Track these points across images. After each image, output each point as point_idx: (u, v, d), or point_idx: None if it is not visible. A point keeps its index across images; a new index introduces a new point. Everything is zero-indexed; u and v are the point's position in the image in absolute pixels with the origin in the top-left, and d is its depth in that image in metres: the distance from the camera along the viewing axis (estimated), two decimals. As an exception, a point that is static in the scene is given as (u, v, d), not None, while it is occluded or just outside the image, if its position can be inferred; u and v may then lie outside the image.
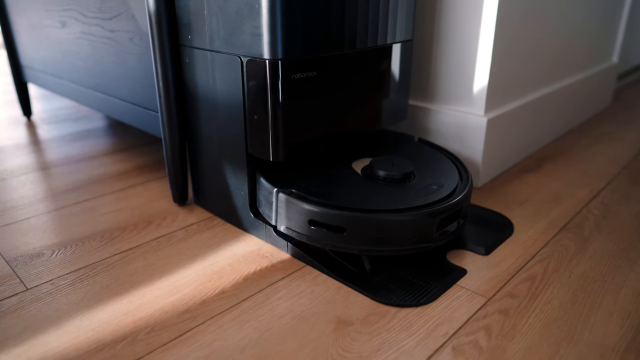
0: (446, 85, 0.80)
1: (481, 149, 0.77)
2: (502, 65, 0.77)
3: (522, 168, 0.88)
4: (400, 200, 0.56)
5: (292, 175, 0.62)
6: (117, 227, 0.67)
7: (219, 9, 0.56)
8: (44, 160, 0.92)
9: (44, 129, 1.12)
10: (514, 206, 0.73)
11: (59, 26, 0.90)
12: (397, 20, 0.66)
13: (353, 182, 0.61)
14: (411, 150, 0.72)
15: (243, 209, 0.65)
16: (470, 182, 0.62)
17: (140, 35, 0.69)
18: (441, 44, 0.78)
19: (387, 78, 0.69)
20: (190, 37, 0.62)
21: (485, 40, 0.73)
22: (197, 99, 0.64)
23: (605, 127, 1.12)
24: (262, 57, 0.53)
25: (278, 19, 0.51)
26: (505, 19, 0.74)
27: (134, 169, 0.88)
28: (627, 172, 0.86)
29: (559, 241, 0.63)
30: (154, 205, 0.74)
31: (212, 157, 0.66)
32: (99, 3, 0.76)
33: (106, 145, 1.00)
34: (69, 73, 0.93)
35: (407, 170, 0.62)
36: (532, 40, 0.85)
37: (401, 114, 0.74)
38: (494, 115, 0.77)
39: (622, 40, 1.27)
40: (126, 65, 0.75)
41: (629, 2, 1.23)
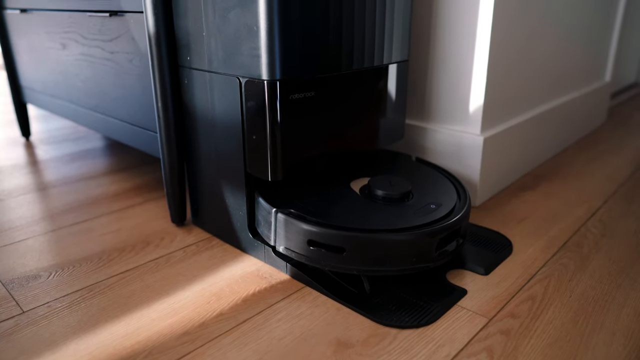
0: (442, 105, 0.80)
1: (478, 167, 0.77)
2: (498, 85, 0.78)
3: (519, 186, 0.88)
4: (399, 219, 0.56)
5: (290, 195, 0.62)
6: (115, 248, 0.67)
7: (218, 31, 0.56)
8: (42, 181, 0.92)
9: (43, 150, 1.12)
10: (513, 225, 0.73)
11: (60, 48, 0.91)
12: (393, 41, 0.67)
13: (352, 201, 0.61)
14: (409, 169, 0.73)
15: (242, 229, 0.64)
16: (469, 201, 0.63)
17: (140, 56, 0.70)
18: (436, 63, 0.79)
19: (384, 98, 0.69)
20: (189, 59, 0.62)
21: (480, 60, 0.74)
22: (196, 120, 0.65)
23: (601, 145, 1.13)
24: (260, 77, 0.53)
25: (276, 40, 0.52)
26: (500, 39, 0.75)
27: (132, 189, 0.88)
28: (624, 190, 0.86)
29: (558, 260, 0.63)
30: (152, 226, 0.73)
31: (210, 177, 0.66)
32: (99, 25, 0.76)
33: (104, 166, 1.00)
34: (68, 94, 0.94)
35: (406, 189, 0.62)
36: (526, 60, 0.86)
37: (398, 134, 0.75)
38: (490, 134, 0.78)
39: (614, 60, 1.29)
40: (125, 86, 0.75)
41: (618, 23, 1.25)
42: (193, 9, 0.59)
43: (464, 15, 0.74)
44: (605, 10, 1.16)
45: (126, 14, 0.69)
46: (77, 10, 0.81)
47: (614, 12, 1.22)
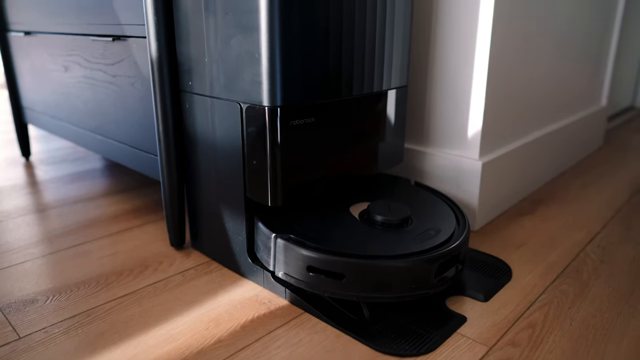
0: (441, 129, 0.81)
1: (477, 192, 0.77)
2: (496, 110, 0.79)
3: (518, 211, 0.88)
4: (399, 245, 0.56)
5: (290, 220, 0.62)
6: (113, 272, 0.66)
7: (220, 57, 0.57)
8: (41, 202, 0.92)
9: (42, 170, 1.12)
10: (512, 250, 0.73)
11: (62, 70, 0.91)
12: (392, 67, 0.68)
13: (351, 226, 0.61)
14: (408, 193, 0.73)
15: (241, 253, 0.64)
16: (468, 226, 0.63)
17: (142, 80, 0.71)
18: (435, 89, 0.80)
19: (383, 123, 0.70)
20: (191, 83, 0.63)
21: (478, 85, 0.75)
22: (197, 144, 0.65)
23: (599, 169, 1.13)
24: (261, 104, 0.54)
25: (277, 67, 0.53)
26: (498, 65, 0.76)
27: (131, 211, 0.87)
28: (622, 215, 0.87)
29: (558, 286, 0.63)
30: (150, 249, 0.73)
31: (210, 201, 0.66)
32: (102, 49, 0.77)
33: (103, 187, 1.00)
34: (69, 115, 0.94)
35: (405, 215, 0.62)
36: (524, 85, 0.87)
37: (398, 158, 0.75)
38: (488, 159, 0.78)
39: (610, 85, 1.30)
40: (127, 108, 0.76)
41: (614, 48, 1.27)
42: (195, 36, 0.59)
43: (462, 41, 0.75)
44: (600, 35, 1.18)
45: (129, 38, 0.70)
46: (81, 34, 0.82)
47: (609, 36, 1.24)
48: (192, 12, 0.59)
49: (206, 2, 0.56)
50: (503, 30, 0.75)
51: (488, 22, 0.71)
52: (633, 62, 1.77)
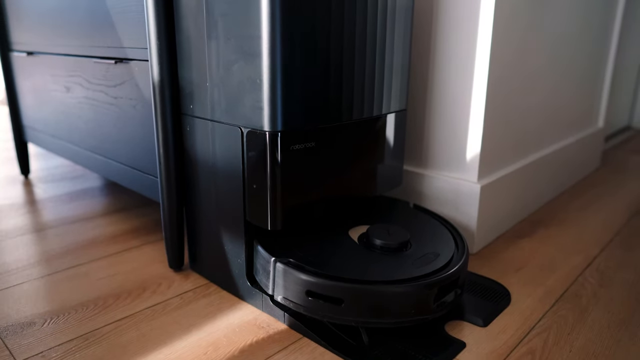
0: (440, 152, 0.82)
1: (476, 215, 0.78)
2: (494, 133, 0.80)
3: (516, 233, 0.89)
4: (398, 270, 0.57)
5: (289, 244, 0.62)
6: (111, 294, 0.66)
7: (221, 82, 0.58)
8: (40, 221, 0.92)
9: (41, 188, 1.12)
10: (510, 273, 0.73)
11: (64, 90, 0.92)
12: (391, 91, 0.69)
13: (350, 250, 0.61)
14: (407, 216, 0.73)
15: (240, 276, 0.64)
16: (467, 250, 0.63)
17: (143, 102, 0.71)
18: (434, 112, 0.81)
19: (382, 146, 0.70)
20: (192, 107, 0.63)
21: (476, 109, 0.75)
22: (197, 166, 0.65)
23: (596, 190, 1.14)
24: (262, 129, 0.55)
25: (278, 93, 0.53)
26: (496, 89, 0.77)
27: (130, 232, 0.87)
28: (620, 238, 0.87)
29: (557, 311, 0.63)
30: (149, 270, 0.73)
31: (209, 223, 0.66)
32: (104, 71, 0.78)
33: (102, 206, 1.00)
34: (69, 135, 0.95)
35: (404, 239, 0.62)
36: (522, 108, 0.88)
37: (396, 180, 0.76)
38: (487, 181, 0.79)
39: (607, 106, 1.32)
40: (127, 130, 0.77)
41: (610, 70, 1.28)
42: (197, 61, 0.60)
43: (461, 65, 0.76)
44: (597, 56, 1.20)
45: (131, 61, 0.71)
46: (84, 55, 0.83)
47: (605, 57, 1.25)
48: (194, 38, 0.60)
49: (208, 28, 0.57)
50: (501, 55, 0.76)
51: (486, 47, 0.73)
52: (629, 82, 1.79)
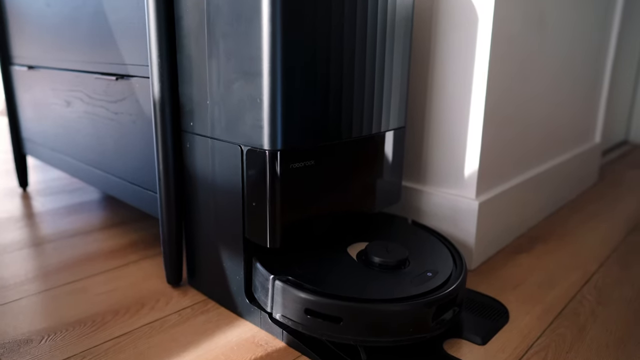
0: (438, 169, 0.82)
1: (474, 231, 0.78)
2: (492, 150, 0.80)
3: (514, 249, 0.89)
4: (396, 288, 0.57)
5: (288, 261, 0.62)
6: (110, 310, 0.66)
7: (222, 100, 0.58)
8: (38, 235, 0.92)
9: (39, 201, 1.12)
10: (509, 290, 0.73)
11: (64, 105, 0.93)
12: (390, 109, 0.69)
13: (349, 268, 0.61)
14: (405, 233, 0.73)
15: (238, 293, 0.64)
16: (465, 268, 0.63)
17: (143, 118, 0.72)
18: (432, 129, 0.81)
19: (381, 163, 0.71)
20: (192, 124, 0.64)
21: (474, 126, 0.76)
22: (196, 183, 0.66)
23: (593, 206, 1.14)
24: (262, 147, 0.55)
25: (278, 113, 0.54)
26: (494, 105, 0.78)
27: (128, 246, 0.87)
28: (617, 254, 0.87)
29: (555, 329, 0.63)
30: (147, 286, 0.73)
31: (208, 240, 0.66)
32: (104, 87, 0.79)
33: (100, 220, 1.00)
34: (69, 148, 0.95)
35: (402, 256, 0.62)
36: (519, 125, 0.88)
37: (395, 197, 0.76)
38: (485, 198, 0.79)
39: (603, 122, 1.33)
40: (127, 145, 0.77)
41: (606, 85, 1.29)
42: (198, 78, 0.61)
43: (459, 83, 0.77)
44: (594, 72, 1.21)
45: (132, 78, 0.72)
46: (85, 71, 0.83)
47: (602, 73, 1.27)
48: (195, 56, 0.60)
49: (209, 47, 0.58)
50: (499, 72, 0.77)
51: (484, 66, 0.73)
52: (625, 96, 1.81)
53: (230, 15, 0.54)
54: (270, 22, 0.51)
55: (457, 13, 0.75)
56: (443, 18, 0.77)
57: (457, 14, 0.75)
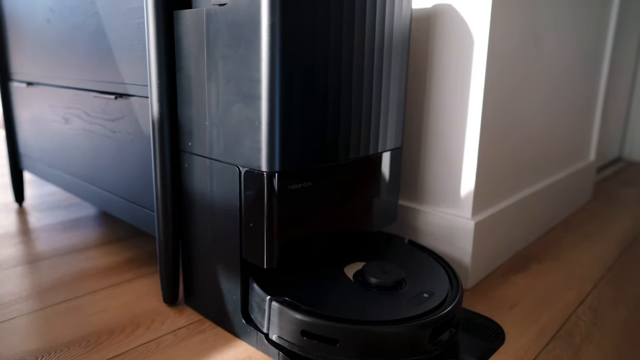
0: (434, 189, 0.83)
1: (470, 251, 0.78)
2: (488, 170, 0.81)
3: (510, 268, 0.89)
4: (393, 310, 0.57)
5: (285, 281, 0.62)
6: (105, 330, 0.66)
7: (220, 122, 0.59)
8: (33, 252, 0.91)
9: (35, 217, 1.11)
10: (504, 310, 0.74)
11: (62, 122, 0.93)
12: (387, 130, 0.70)
13: (346, 289, 0.61)
14: (401, 253, 0.74)
15: (235, 313, 0.64)
16: (461, 289, 0.63)
17: (142, 137, 0.72)
18: (429, 149, 0.82)
19: (378, 183, 0.71)
20: (191, 144, 0.64)
21: (470, 147, 0.77)
22: (194, 203, 0.66)
23: (587, 224, 1.15)
24: (260, 169, 0.55)
25: (277, 135, 0.54)
26: (489, 126, 0.79)
27: (124, 263, 0.87)
28: (612, 275, 0.88)
29: (550, 351, 0.63)
30: (143, 305, 0.73)
31: (205, 259, 0.66)
32: (103, 105, 0.79)
33: (96, 236, 1.00)
34: (66, 165, 0.95)
35: (398, 277, 0.63)
36: (515, 145, 0.89)
37: (392, 217, 0.76)
38: (481, 218, 0.80)
39: (597, 140, 1.34)
40: (125, 163, 0.77)
41: (600, 105, 1.31)
42: (197, 100, 0.61)
43: (455, 103, 0.78)
44: (588, 91, 1.23)
45: (131, 97, 0.72)
46: (84, 89, 0.84)
47: (595, 91, 1.28)
48: (194, 77, 0.61)
49: (209, 69, 0.59)
50: (494, 93, 0.78)
51: (480, 87, 0.74)
52: (619, 113, 1.83)
53: (229, 38, 0.55)
54: (269, 46, 0.52)
55: (453, 34, 0.76)
56: (439, 39, 0.78)
57: (453, 35, 0.76)
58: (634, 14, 1.72)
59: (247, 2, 0.52)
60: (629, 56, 1.77)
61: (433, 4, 0.78)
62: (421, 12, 0.80)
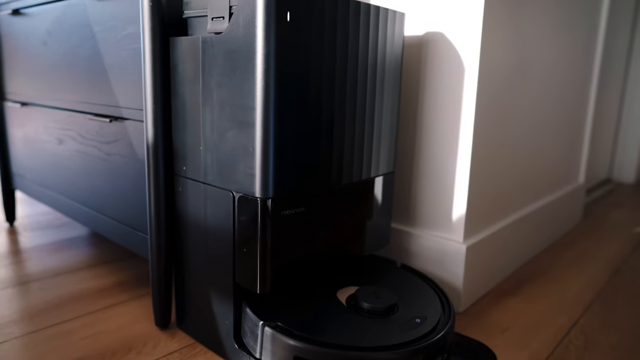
0: (427, 212, 0.84)
1: (461, 274, 0.79)
2: (479, 194, 0.82)
3: (501, 291, 0.90)
4: (385, 336, 0.57)
5: (278, 306, 0.62)
6: (96, 355, 0.65)
7: (215, 147, 0.59)
8: (24, 273, 0.91)
9: (26, 237, 1.11)
10: (496, 334, 0.74)
11: (56, 142, 0.93)
12: (380, 156, 0.71)
13: (338, 314, 0.62)
14: (394, 277, 0.74)
15: (227, 337, 0.64)
16: (453, 314, 0.64)
17: (136, 160, 0.72)
18: (421, 173, 0.83)
19: (371, 208, 0.72)
20: (185, 168, 0.65)
21: (462, 170, 0.78)
22: (188, 226, 0.66)
23: (578, 247, 1.16)
24: (254, 195, 0.56)
25: (271, 161, 0.55)
26: (481, 149, 0.80)
27: (116, 285, 0.87)
28: (602, 297, 0.88)
29: (542, 377, 0.63)
30: (135, 329, 0.72)
31: (198, 283, 0.66)
32: (98, 128, 0.80)
33: (88, 257, 1.00)
34: (59, 186, 0.95)
35: (391, 302, 0.63)
36: (506, 169, 0.91)
37: (385, 241, 0.77)
38: (473, 241, 0.80)
39: (587, 163, 1.36)
40: (118, 185, 0.77)
41: (589, 128, 1.33)
42: (192, 125, 0.62)
43: (446, 128, 0.79)
44: (577, 113, 1.25)
45: (126, 120, 0.73)
46: (79, 111, 0.84)
47: (584, 114, 1.31)
48: (189, 103, 0.62)
49: (204, 96, 0.59)
50: (485, 118, 0.79)
51: (471, 112, 0.76)
52: (607, 135, 1.86)
53: (225, 66, 0.56)
54: (264, 75, 0.53)
55: (444, 61, 0.78)
56: (431, 65, 0.79)
57: (444, 61, 0.78)
58: (621, 39, 1.76)
59: (243, 32, 0.53)
60: (617, 78, 1.81)
61: (425, 32, 0.80)
62: (413, 39, 0.81)
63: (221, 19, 0.56)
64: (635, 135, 1.93)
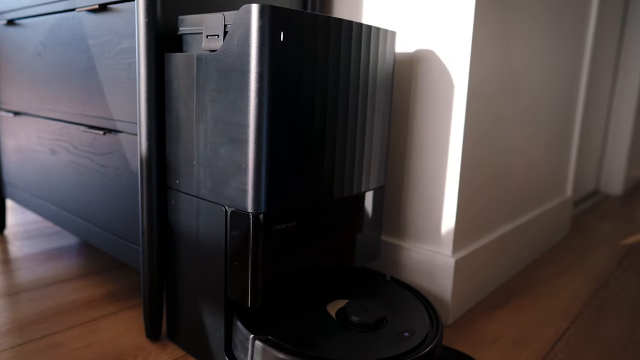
0: (416, 226, 0.85)
1: (450, 287, 0.80)
2: (468, 207, 0.84)
3: (489, 304, 0.91)
4: (374, 350, 0.58)
5: (268, 319, 0.63)
6: (86, 367, 0.65)
7: (208, 163, 0.60)
8: (14, 284, 0.91)
9: (16, 246, 1.10)
10: (484, 347, 0.75)
11: (49, 153, 0.93)
12: (370, 171, 0.72)
13: (328, 327, 0.62)
14: (383, 290, 0.75)
15: (218, 350, 0.64)
16: (441, 327, 0.65)
17: (129, 173, 0.73)
18: (410, 188, 0.85)
19: (361, 222, 0.73)
20: (178, 182, 0.66)
21: (451, 184, 0.79)
22: (180, 239, 0.67)
23: (565, 259, 1.18)
24: (246, 210, 0.57)
25: (263, 177, 0.56)
26: (470, 163, 0.81)
27: (106, 296, 0.87)
28: (589, 310, 0.90)
29: (528, 390, 0.64)
30: (126, 340, 0.72)
31: (190, 295, 0.67)
32: (91, 139, 0.80)
33: (79, 267, 1.00)
34: (51, 195, 0.95)
35: (380, 316, 0.64)
36: (495, 182, 0.92)
37: (374, 254, 0.78)
38: (461, 255, 0.82)
39: (574, 176, 1.38)
40: (111, 197, 0.78)
41: (576, 142, 1.36)
42: (185, 140, 0.63)
43: (436, 143, 0.80)
44: (565, 128, 1.27)
45: (120, 133, 0.73)
46: (72, 122, 0.85)
47: (572, 127, 1.33)
48: (183, 119, 0.63)
49: (198, 112, 0.60)
50: (474, 133, 0.81)
51: (460, 127, 0.77)
52: (595, 147, 1.89)
53: (219, 83, 0.57)
54: (257, 93, 0.54)
55: (435, 77, 0.79)
56: (421, 82, 0.81)
57: (435, 78, 0.79)
58: (608, 53, 1.79)
59: (237, 51, 0.55)
60: (604, 90, 1.84)
61: (415, 49, 0.81)
62: (404, 56, 0.83)
63: (216, 37, 0.58)
64: (623, 147, 1.96)
